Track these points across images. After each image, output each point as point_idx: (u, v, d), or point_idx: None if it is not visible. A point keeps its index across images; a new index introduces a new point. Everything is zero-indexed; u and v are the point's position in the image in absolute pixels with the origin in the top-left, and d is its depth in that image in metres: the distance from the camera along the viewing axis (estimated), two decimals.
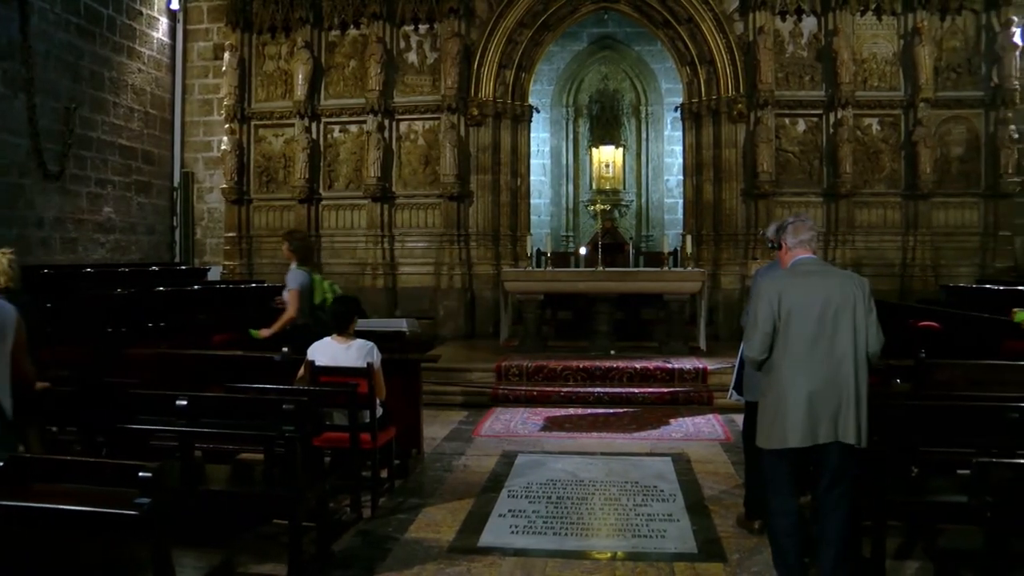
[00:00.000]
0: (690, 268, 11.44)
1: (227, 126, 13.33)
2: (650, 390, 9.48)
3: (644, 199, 17.28)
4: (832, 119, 12.36)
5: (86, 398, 4.78)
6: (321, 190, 13.26)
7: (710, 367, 9.77)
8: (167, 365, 6.65)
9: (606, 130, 17.10)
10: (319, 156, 13.22)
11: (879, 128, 12.50)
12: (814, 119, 12.55)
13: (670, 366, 9.88)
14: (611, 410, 9.02)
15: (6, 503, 2.78)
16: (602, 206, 15.48)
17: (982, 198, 12.42)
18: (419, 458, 6.96)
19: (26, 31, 10.17)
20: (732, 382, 5.52)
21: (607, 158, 16.95)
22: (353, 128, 13.17)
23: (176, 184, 13.91)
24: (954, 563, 3.52)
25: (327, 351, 5.81)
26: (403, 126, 13.11)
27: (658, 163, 17.25)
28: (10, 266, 4.54)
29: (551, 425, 8.36)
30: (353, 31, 13.16)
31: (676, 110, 13.93)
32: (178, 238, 14.00)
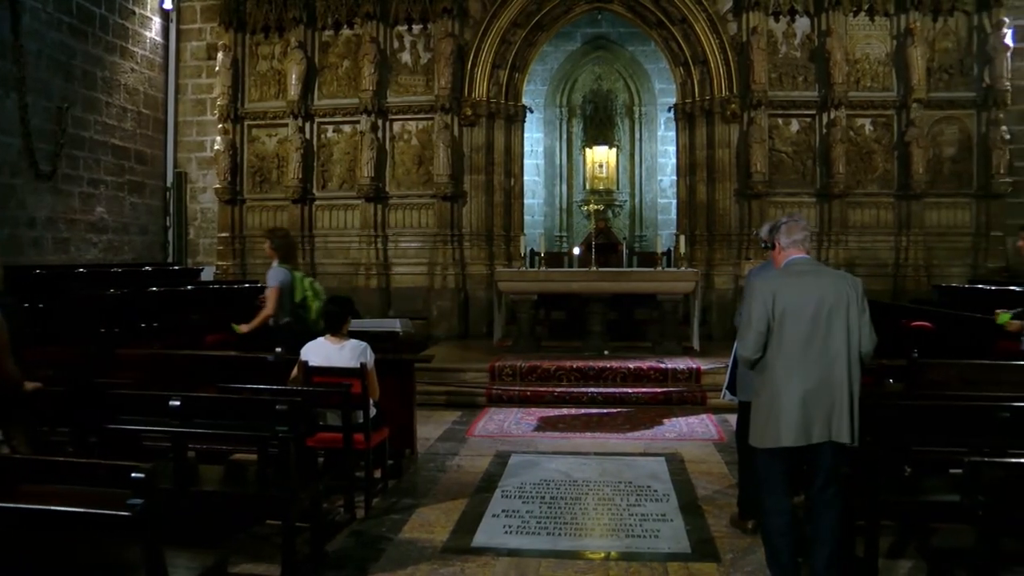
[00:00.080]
0: (683, 268, 11.44)
1: (220, 126, 13.30)
2: (644, 390, 9.49)
3: (638, 199, 17.29)
4: (825, 119, 12.38)
5: (76, 398, 4.76)
6: (314, 190, 13.25)
7: (703, 367, 9.78)
8: (160, 365, 6.64)
9: (600, 130, 17.12)
10: (312, 156, 13.20)
11: (872, 128, 12.53)
12: (807, 119, 12.58)
13: (663, 366, 9.89)
14: (605, 410, 9.03)
15: None
16: (596, 206, 15.53)
17: (974, 198, 12.46)
18: (413, 458, 6.96)
19: (17, 30, 10.12)
20: (725, 382, 5.54)
21: (601, 158, 16.97)
22: (347, 128, 13.16)
23: (169, 184, 13.87)
24: (947, 562, 3.52)
25: (320, 351, 5.81)
26: (396, 126, 13.10)
27: (652, 163, 17.27)
28: None
29: (545, 425, 8.37)
30: (347, 31, 13.14)
31: (670, 110, 13.93)
32: (171, 238, 13.96)
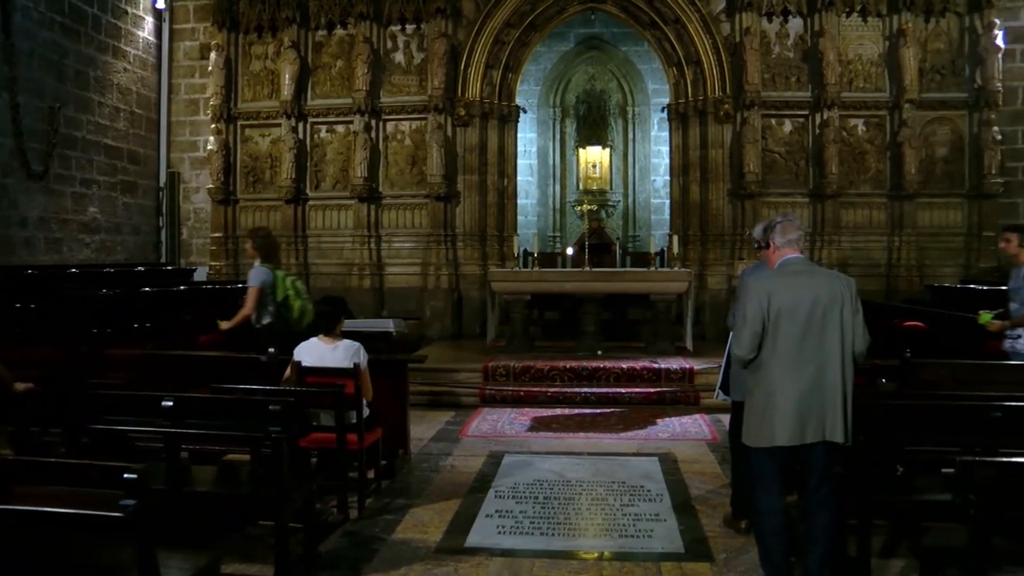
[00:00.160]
0: (677, 268, 11.46)
1: (213, 126, 13.28)
2: (637, 390, 9.50)
3: (631, 199, 17.31)
4: (818, 120, 12.42)
5: (67, 399, 4.75)
6: (308, 190, 13.23)
7: (697, 367, 9.80)
8: (153, 366, 6.62)
9: (593, 130, 17.13)
10: (306, 156, 13.19)
11: (865, 129, 12.56)
12: (800, 120, 12.60)
13: (657, 366, 9.90)
14: (598, 410, 9.03)
15: None
16: (589, 206, 15.50)
17: (966, 199, 12.50)
18: (406, 459, 6.95)
19: (9, 29, 10.10)
20: (719, 382, 5.54)
21: (594, 158, 16.98)
22: (340, 128, 13.15)
23: (162, 184, 13.85)
24: (939, 561, 3.53)
25: (314, 351, 5.80)
26: (390, 126, 13.10)
27: (645, 163, 17.29)
28: None
29: (538, 425, 8.37)
30: (340, 31, 13.13)
31: (663, 110, 13.96)
32: (164, 238, 13.94)
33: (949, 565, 3.41)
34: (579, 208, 16.63)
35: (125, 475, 2.73)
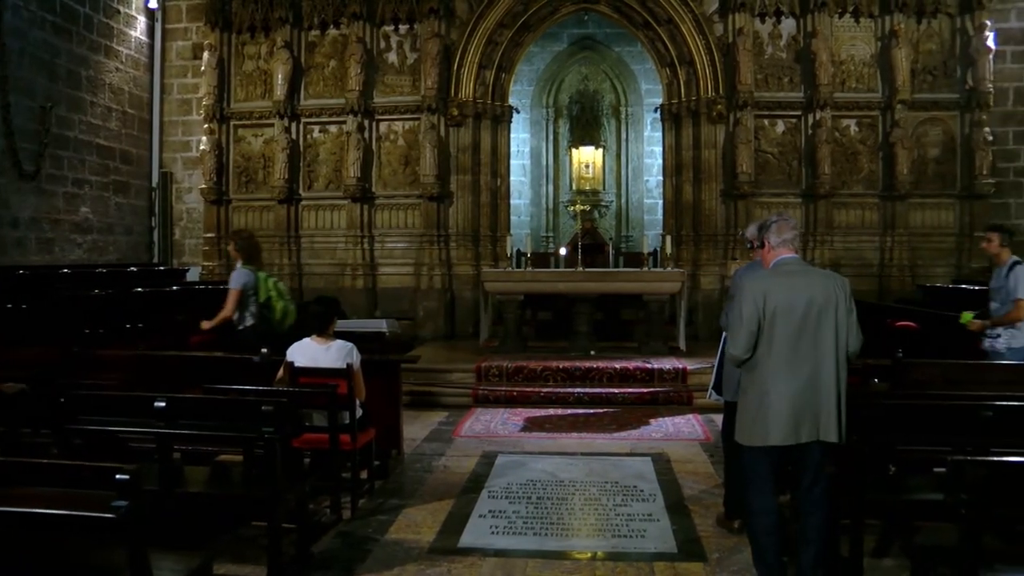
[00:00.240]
0: (670, 268, 11.47)
1: (206, 126, 13.25)
2: (630, 390, 9.51)
3: (624, 200, 17.33)
4: (811, 120, 12.44)
5: (55, 400, 4.73)
6: (301, 190, 13.22)
7: (690, 367, 9.81)
8: (145, 366, 6.60)
9: (586, 131, 17.14)
10: (299, 156, 13.17)
11: (857, 129, 12.60)
12: (793, 120, 12.63)
13: (650, 366, 9.90)
14: (591, 410, 9.04)
15: None
16: (582, 207, 15.55)
17: (958, 199, 12.54)
18: (399, 459, 6.95)
19: None
20: (711, 382, 5.56)
21: (587, 159, 16.99)
22: (333, 128, 13.13)
23: (154, 184, 13.81)
24: (930, 560, 3.55)
25: (307, 352, 5.79)
26: (383, 126, 13.09)
27: (638, 164, 17.31)
28: None
29: (531, 425, 8.37)
30: (333, 31, 13.12)
31: (656, 111, 13.96)
32: (156, 239, 13.90)
33: (941, 564, 3.42)
34: (572, 208, 16.69)
35: (117, 476, 2.72)
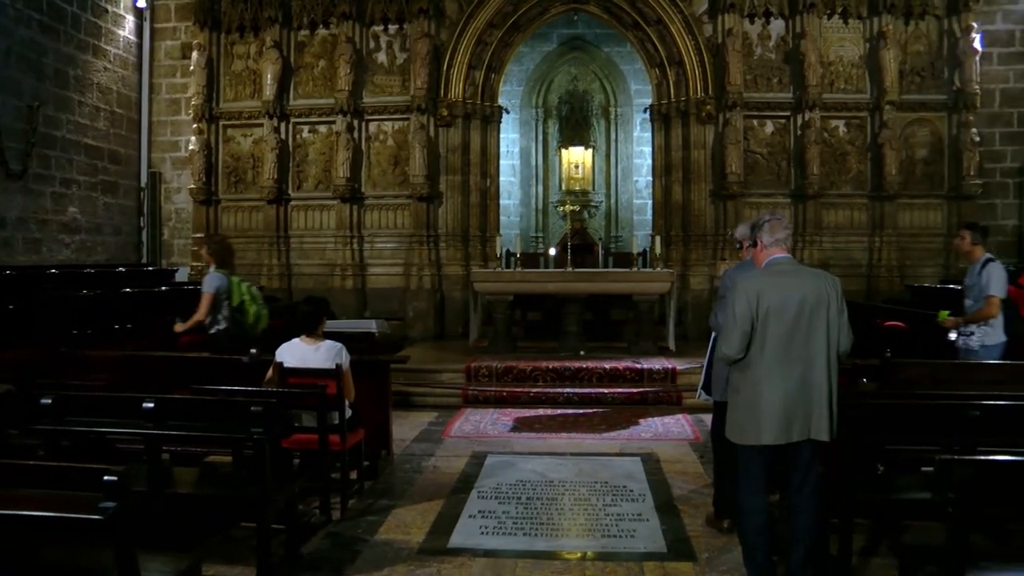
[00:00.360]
0: (659, 269, 11.48)
1: (195, 126, 13.22)
2: (619, 390, 9.52)
3: (613, 200, 17.35)
4: (800, 121, 12.48)
5: (35, 401, 4.70)
6: (290, 191, 13.19)
7: (679, 367, 9.82)
8: (133, 367, 6.58)
9: (575, 131, 17.16)
10: (288, 156, 13.15)
11: (846, 130, 12.65)
12: (782, 121, 12.67)
13: (639, 366, 9.92)
14: (580, 410, 9.04)
15: None
16: (571, 207, 15.55)
17: (945, 199, 12.60)
18: (389, 459, 6.94)
19: None
20: (701, 382, 5.56)
21: (576, 159, 17.01)
22: (322, 128, 13.11)
23: (143, 184, 13.75)
24: (918, 559, 3.56)
25: (296, 352, 5.78)
26: (372, 126, 13.07)
27: (627, 164, 17.33)
28: None
29: (521, 426, 8.37)
30: (322, 31, 13.10)
31: (645, 111, 13.99)
32: (145, 239, 13.84)
33: (928, 563, 3.44)
34: (561, 208, 16.69)
35: (105, 477, 2.71)
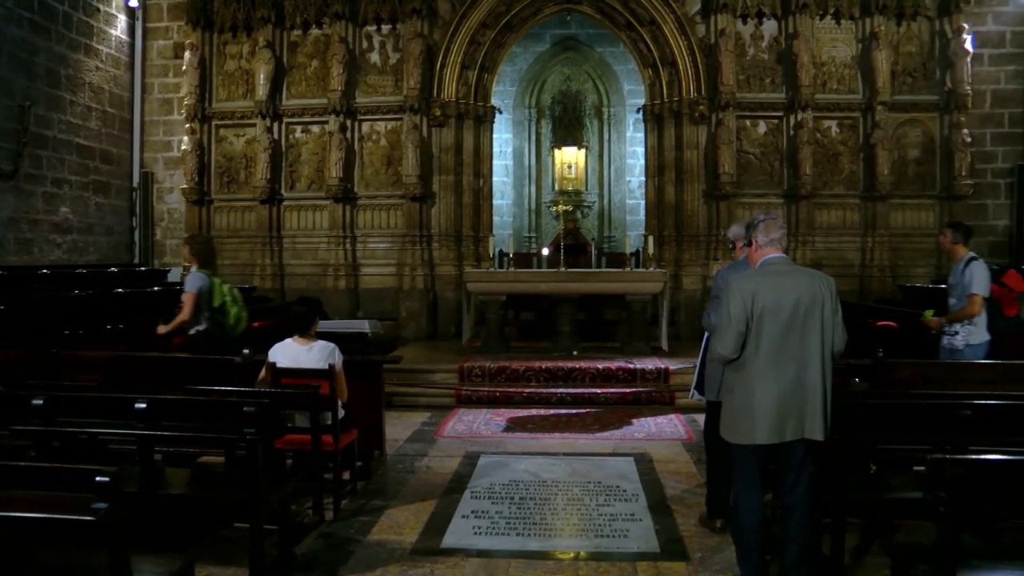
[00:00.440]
0: (652, 269, 11.50)
1: (187, 126, 13.18)
2: (612, 390, 9.52)
3: (606, 200, 17.37)
4: (792, 121, 12.51)
5: (26, 402, 4.68)
6: (283, 191, 13.17)
7: (672, 367, 9.84)
8: (126, 367, 6.55)
9: (568, 131, 17.16)
10: (281, 156, 13.12)
11: (838, 130, 12.67)
12: (775, 121, 12.69)
13: (632, 366, 9.92)
14: (574, 410, 9.05)
15: None
16: (564, 207, 15.56)
17: (937, 200, 12.64)
18: (382, 460, 6.93)
19: None
20: (694, 382, 5.57)
21: (569, 159, 17.00)
22: (315, 128, 13.10)
23: (135, 184, 13.71)
24: (910, 557, 3.57)
25: (288, 353, 5.77)
26: (365, 126, 13.06)
27: (620, 164, 17.35)
28: None
29: (514, 426, 8.37)
30: (315, 31, 13.08)
31: (638, 111, 14.01)
32: (137, 239, 13.80)
33: (920, 561, 3.45)
34: (554, 209, 16.69)
35: (97, 478, 2.70)
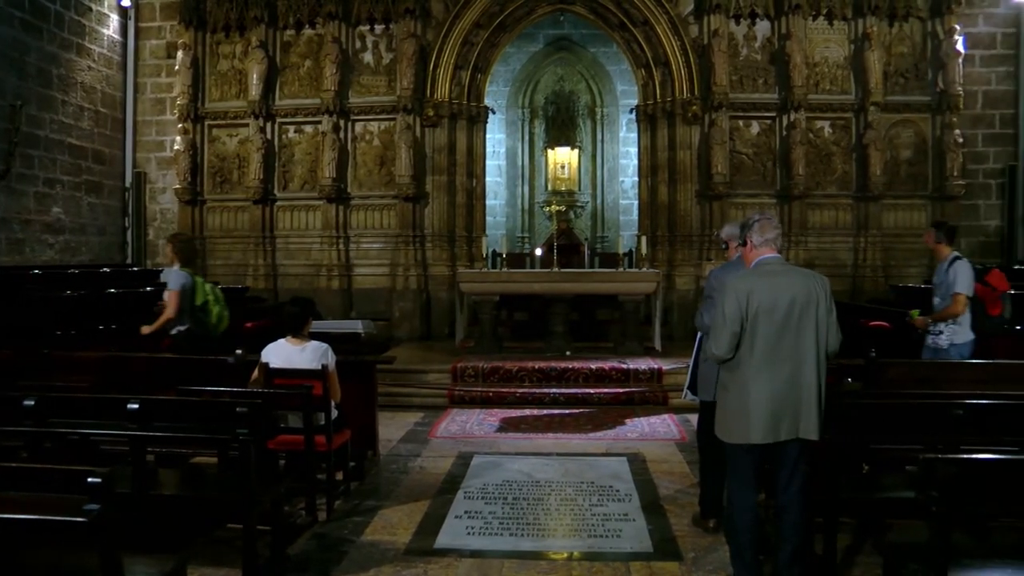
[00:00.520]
0: (645, 269, 11.49)
1: (180, 126, 13.15)
2: (605, 390, 9.53)
3: (599, 200, 17.38)
4: (785, 121, 12.53)
5: (17, 403, 4.67)
6: (276, 191, 13.15)
7: (665, 367, 9.85)
8: (118, 368, 6.54)
9: (562, 131, 17.18)
10: (274, 156, 13.10)
11: (831, 131, 12.70)
12: (767, 121, 12.71)
13: (625, 366, 9.93)
14: (567, 411, 9.05)
15: None
16: (557, 207, 15.58)
17: (929, 200, 12.68)
18: (375, 460, 6.93)
19: None
20: (687, 382, 5.57)
21: (563, 159, 17.03)
22: (308, 128, 13.08)
23: (128, 184, 13.66)
24: (902, 557, 3.58)
25: (281, 353, 5.76)
26: (358, 127, 13.05)
27: (613, 164, 17.37)
28: None
29: (507, 426, 8.38)
30: (308, 31, 13.06)
31: (631, 112, 14.02)
32: (130, 239, 13.76)
33: (912, 561, 3.46)
34: (548, 209, 16.71)
35: (89, 479, 2.70)
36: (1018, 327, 7.56)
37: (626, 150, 17.04)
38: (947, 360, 6.46)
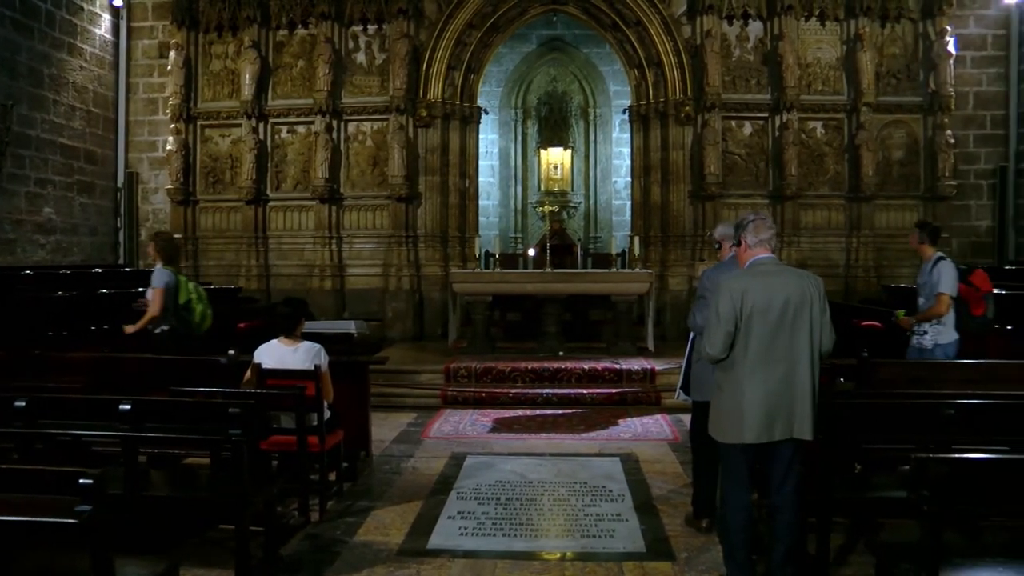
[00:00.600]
0: (638, 269, 11.51)
1: (173, 126, 13.12)
2: (598, 391, 9.54)
3: (592, 201, 17.39)
4: (778, 122, 12.55)
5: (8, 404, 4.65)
6: (268, 191, 13.12)
7: (658, 367, 9.86)
8: (110, 369, 6.52)
9: (554, 132, 17.17)
10: (266, 157, 13.08)
11: (823, 131, 12.73)
12: (760, 122, 12.73)
13: (618, 367, 9.94)
14: (560, 411, 9.05)
15: None
16: (550, 208, 15.56)
17: (921, 200, 12.71)
18: (368, 461, 6.92)
19: None
20: (679, 382, 5.58)
21: (555, 160, 17.02)
22: (301, 129, 13.06)
23: (120, 184, 13.64)
24: (894, 556, 3.59)
25: (274, 353, 5.75)
26: (351, 127, 13.03)
27: (606, 165, 17.38)
28: None
29: (500, 426, 8.38)
30: (301, 31, 13.04)
31: (624, 112, 14.04)
32: (122, 239, 13.73)
33: (904, 560, 3.47)
34: (540, 209, 16.69)
35: (80, 480, 2.69)
36: (1009, 327, 7.58)
37: (619, 150, 17.05)
38: (932, 360, 6.48)
